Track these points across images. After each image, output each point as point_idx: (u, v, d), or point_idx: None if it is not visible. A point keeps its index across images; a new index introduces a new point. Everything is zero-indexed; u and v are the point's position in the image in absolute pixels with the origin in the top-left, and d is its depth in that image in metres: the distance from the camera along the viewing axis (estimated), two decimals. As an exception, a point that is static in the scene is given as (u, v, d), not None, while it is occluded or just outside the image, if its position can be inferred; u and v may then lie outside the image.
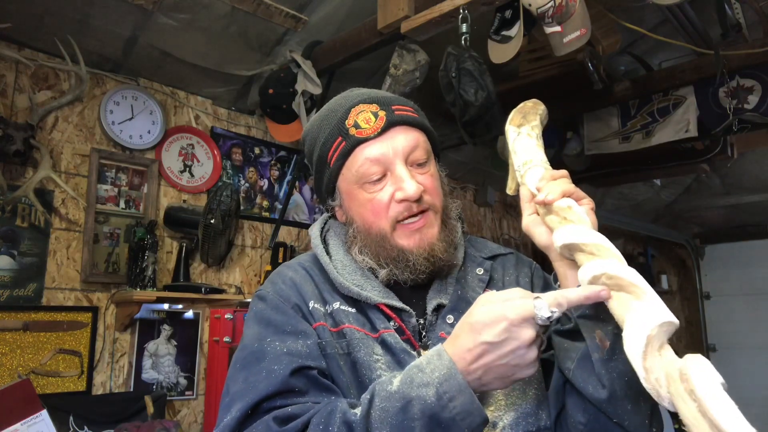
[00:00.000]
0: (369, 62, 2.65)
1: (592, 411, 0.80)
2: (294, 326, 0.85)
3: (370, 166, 0.88)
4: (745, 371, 5.73)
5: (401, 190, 0.87)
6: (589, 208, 0.81)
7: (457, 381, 0.68)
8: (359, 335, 0.85)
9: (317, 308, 0.88)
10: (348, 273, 0.91)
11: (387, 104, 0.91)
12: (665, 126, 3.00)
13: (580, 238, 0.75)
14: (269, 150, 3.15)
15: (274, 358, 0.80)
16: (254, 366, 0.80)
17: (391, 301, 0.88)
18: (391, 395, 0.70)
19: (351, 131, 0.89)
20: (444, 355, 0.71)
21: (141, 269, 2.43)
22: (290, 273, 0.94)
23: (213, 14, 2.28)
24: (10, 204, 2.23)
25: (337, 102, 0.96)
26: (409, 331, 0.87)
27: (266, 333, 0.84)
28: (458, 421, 0.67)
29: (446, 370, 0.69)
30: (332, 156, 0.92)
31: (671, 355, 0.62)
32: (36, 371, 2.22)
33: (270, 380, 0.77)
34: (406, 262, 0.89)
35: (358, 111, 0.90)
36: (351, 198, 0.92)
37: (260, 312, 0.89)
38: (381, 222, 0.89)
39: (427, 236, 0.89)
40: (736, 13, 2.23)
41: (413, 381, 0.70)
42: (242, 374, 0.80)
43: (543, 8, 1.82)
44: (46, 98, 2.38)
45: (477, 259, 0.99)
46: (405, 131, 0.90)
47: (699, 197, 5.03)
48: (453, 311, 0.89)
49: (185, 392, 2.61)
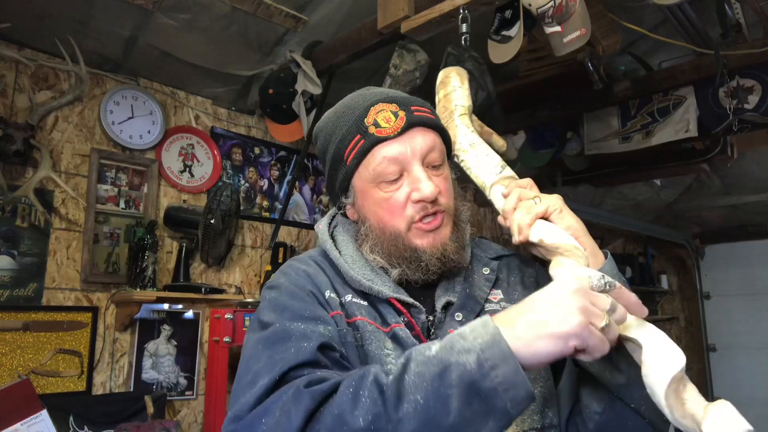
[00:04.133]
0: (369, 62, 2.64)
1: (608, 399, 0.81)
2: (312, 311, 0.83)
3: (387, 165, 0.88)
4: (745, 371, 5.73)
5: (418, 191, 0.87)
6: (559, 213, 0.84)
7: (500, 348, 0.63)
8: (371, 328, 0.86)
9: (333, 297, 0.88)
10: (358, 267, 0.91)
11: (407, 104, 0.92)
12: (665, 126, 3.00)
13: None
14: (269, 150, 3.15)
15: (301, 336, 0.77)
16: (279, 345, 0.76)
17: (402, 296, 0.88)
18: (428, 360, 0.65)
19: (370, 129, 0.89)
20: (489, 323, 0.66)
21: (141, 269, 2.43)
22: (302, 266, 0.93)
23: (213, 14, 2.28)
24: (10, 204, 2.23)
25: (354, 100, 0.95)
26: (419, 327, 0.87)
27: (285, 318, 0.81)
28: (500, 393, 0.62)
29: (490, 337, 0.64)
30: (349, 153, 0.91)
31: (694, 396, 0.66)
32: (36, 371, 2.22)
33: (299, 354, 0.74)
34: (419, 261, 0.89)
35: (377, 110, 0.90)
36: (366, 196, 0.92)
37: (274, 300, 0.86)
38: (396, 221, 0.89)
39: (441, 237, 0.90)
40: (736, 13, 2.22)
41: (454, 347, 0.65)
42: (266, 353, 0.77)
43: (543, 8, 1.82)
44: (46, 98, 2.38)
45: (483, 260, 1.00)
46: (423, 132, 0.90)
47: (699, 197, 5.03)
48: (462, 309, 0.90)
49: (185, 392, 2.61)
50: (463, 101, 0.99)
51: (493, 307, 0.93)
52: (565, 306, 0.65)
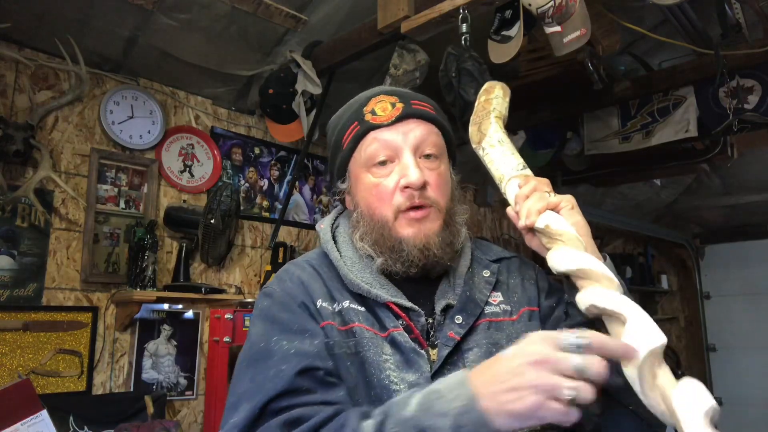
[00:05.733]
0: (369, 62, 2.65)
1: (606, 401, 0.81)
2: (301, 325, 0.84)
3: (378, 149, 0.91)
4: (745, 371, 5.73)
5: (405, 177, 0.89)
6: (570, 209, 0.84)
7: (476, 415, 0.64)
8: (369, 334, 0.86)
9: (325, 307, 0.88)
10: (358, 270, 0.92)
11: (407, 98, 0.95)
12: (665, 126, 3.00)
13: (566, 265, 0.79)
14: (269, 150, 3.15)
15: (282, 357, 0.79)
16: (261, 364, 0.80)
17: (401, 300, 0.88)
18: (405, 421, 0.67)
19: (367, 117, 0.93)
20: (466, 384, 0.67)
21: (141, 269, 2.43)
22: (298, 271, 0.94)
23: (213, 14, 2.28)
24: (10, 204, 2.23)
25: (361, 94, 1.00)
26: (418, 330, 0.87)
27: (272, 331, 0.84)
28: None
29: (467, 401, 0.65)
30: (346, 139, 0.95)
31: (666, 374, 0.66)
32: (36, 371, 2.22)
33: (277, 380, 0.76)
34: (401, 252, 0.89)
35: (377, 100, 0.95)
36: (358, 182, 0.94)
37: (266, 309, 0.89)
38: (384, 208, 0.91)
39: (425, 228, 0.90)
40: (736, 13, 2.22)
41: (430, 409, 0.66)
42: (249, 373, 0.80)
43: (543, 8, 1.82)
44: (46, 98, 2.38)
45: (483, 262, 1.00)
46: (418, 124, 0.93)
47: (699, 197, 5.03)
48: (461, 312, 0.89)
49: (185, 392, 2.61)
50: (501, 109, 1.02)
51: (493, 310, 0.93)
52: (519, 383, 0.63)
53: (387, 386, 0.82)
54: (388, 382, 0.82)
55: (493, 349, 0.87)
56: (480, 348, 0.87)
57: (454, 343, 0.86)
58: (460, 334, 0.87)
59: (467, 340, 0.88)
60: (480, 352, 0.87)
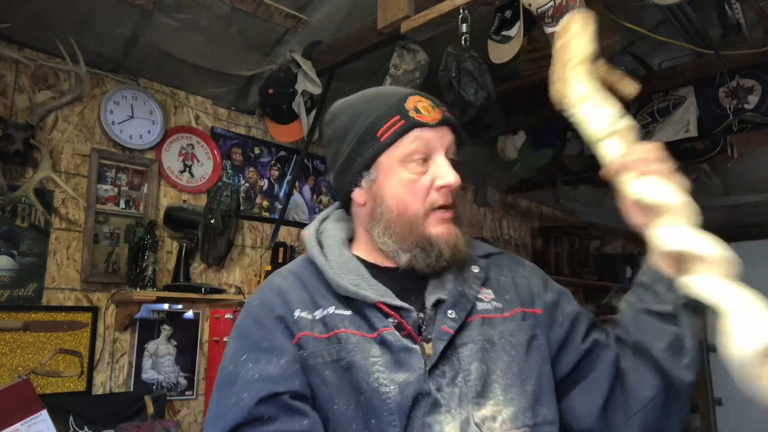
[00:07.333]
0: (369, 62, 2.64)
1: (661, 387, 0.87)
2: (271, 342, 0.86)
3: (419, 146, 0.93)
4: (745, 371, 5.73)
5: (442, 178, 0.92)
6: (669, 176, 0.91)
7: None
8: (355, 339, 0.85)
9: (303, 317, 0.88)
10: (344, 273, 0.92)
11: (437, 104, 0.99)
12: (665, 126, 3.00)
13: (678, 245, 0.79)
14: (269, 150, 3.15)
15: (245, 384, 0.82)
16: (226, 390, 0.84)
17: (389, 300, 0.88)
18: None
19: (411, 113, 0.94)
20: None
21: (141, 269, 2.43)
22: (278, 281, 0.95)
23: (213, 14, 2.28)
24: (10, 204, 2.23)
25: (385, 89, 1.02)
26: (410, 326, 0.87)
27: (242, 350, 0.87)
28: None
29: None
30: (386, 131, 0.93)
31: None
32: (36, 371, 2.22)
33: (237, 409, 0.80)
34: (431, 248, 0.92)
35: (416, 99, 0.96)
36: (390, 176, 0.94)
37: (240, 323, 0.92)
38: (417, 204, 0.92)
39: (453, 228, 0.94)
40: (736, 13, 2.23)
41: None
42: (215, 397, 0.85)
43: (543, 8, 1.82)
44: (46, 98, 2.38)
45: (473, 257, 1.00)
46: (449, 130, 0.97)
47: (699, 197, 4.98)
48: (454, 307, 0.90)
49: (185, 392, 2.61)
50: (580, 50, 0.94)
51: (485, 306, 0.93)
52: None
53: (376, 389, 0.82)
54: (377, 385, 0.82)
55: (487, 345, 0.89)
56: (475, 344, 0.88)
57: (449, 337, 0.87)
58: (453, 328, 0.88)
59: (461, 336, 0.88)
60: (475, 348, 0.88)
